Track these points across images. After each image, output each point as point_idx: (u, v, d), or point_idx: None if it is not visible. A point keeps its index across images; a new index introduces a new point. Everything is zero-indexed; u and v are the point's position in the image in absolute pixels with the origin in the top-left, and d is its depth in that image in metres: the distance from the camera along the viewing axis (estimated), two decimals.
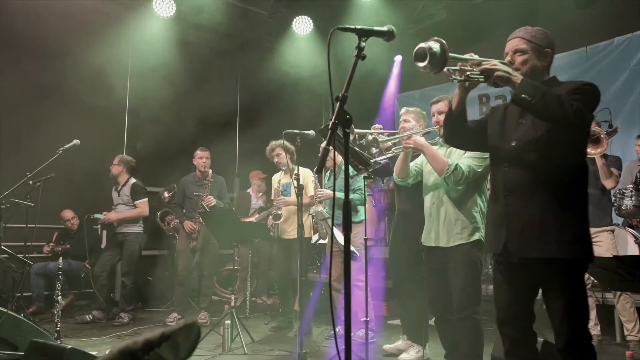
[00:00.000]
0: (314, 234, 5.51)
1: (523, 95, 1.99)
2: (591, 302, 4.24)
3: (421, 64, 1.97)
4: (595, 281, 4.10)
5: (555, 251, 2.08)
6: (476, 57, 2.12)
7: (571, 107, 1.97)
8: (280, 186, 5.21)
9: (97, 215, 5.62)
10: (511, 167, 2.22)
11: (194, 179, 5.80)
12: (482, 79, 2.10)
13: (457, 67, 2.11)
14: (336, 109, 1.75)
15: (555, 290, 2.13)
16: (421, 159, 3.40)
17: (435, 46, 1.95)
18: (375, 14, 6.78)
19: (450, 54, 1.98)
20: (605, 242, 4.15)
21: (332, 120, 1.75)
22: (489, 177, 2.66)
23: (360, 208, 4.67)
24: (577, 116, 1.98)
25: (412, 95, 8.46)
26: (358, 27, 1.82)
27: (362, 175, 4.51)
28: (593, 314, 4.25)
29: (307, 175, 5.06)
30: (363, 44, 1.81)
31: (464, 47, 2.15)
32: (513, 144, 2.23)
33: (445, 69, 2.05)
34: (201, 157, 5.71)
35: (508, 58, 2.22)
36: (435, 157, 3.08)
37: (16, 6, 5.92)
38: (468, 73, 2.10)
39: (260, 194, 6.94)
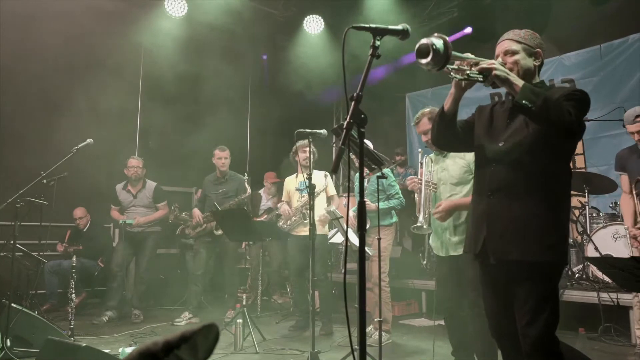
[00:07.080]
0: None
1: (524, 102, 1.95)
2: None
3: (424, 61, 1.91)
4: None
5: (537, 254, 2.05)
6: (474, 57, 2.08)
7: (570, 115, 1.95)
8: (298, 184, 5.20)
9: (129, 221, 5.67)
10: (497, 168, 2.18)
11: (213, 178, 5.87)
12: (481, 79, 2.06)
13: (456, 66, 2.06)
14: (351, 108, 1.73)
15: (527, 292, 2.08)
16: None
17: (438, 43, 1.89)
18: (386, 12, 6.75)
19: (452, 52, 1.93)
20: None
21: (348, 119, 1.72)
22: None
23: (393, 211, 4.68)
24: (574, 124, 1.97)
25: (424, 94, 8.42)
26: (373, 25, 1.79)
27: (394, 179, 4.52)
28: None
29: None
30: (378, 42, 1.78)
31: (476, 46, 2.11)
32: (501, 144, 2.20)
33: (445, 68, 1.99)
34: (220, 158, 5.74)
35: (499, 60, 2.18)
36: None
37: (28, 7, 5.96)
38: (467, 72, 2.05)
39: (271, 196, 6.95)
